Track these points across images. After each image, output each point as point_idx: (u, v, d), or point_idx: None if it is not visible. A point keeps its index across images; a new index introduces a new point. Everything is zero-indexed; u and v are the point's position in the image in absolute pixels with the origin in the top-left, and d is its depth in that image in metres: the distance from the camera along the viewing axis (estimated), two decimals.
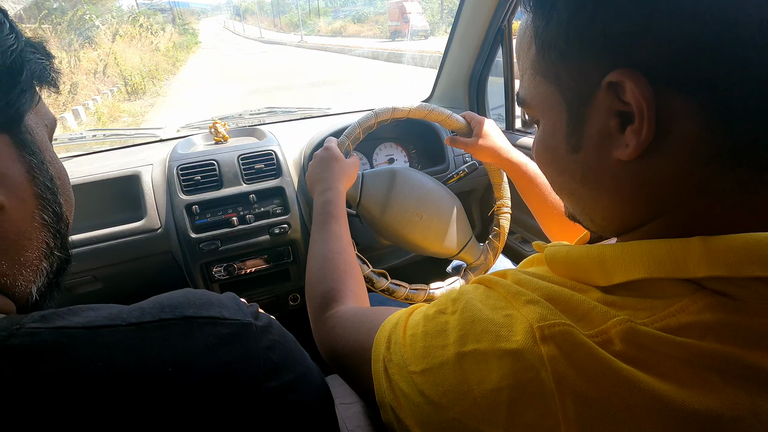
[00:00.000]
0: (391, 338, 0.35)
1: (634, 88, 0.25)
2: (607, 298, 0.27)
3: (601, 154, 0.29)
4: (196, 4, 75.79)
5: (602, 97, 0.27)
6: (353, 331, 0.43)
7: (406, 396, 0.31)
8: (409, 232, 0.79)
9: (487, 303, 0.30)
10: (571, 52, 0.28)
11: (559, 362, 0.24)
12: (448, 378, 0.28)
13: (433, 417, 0.28)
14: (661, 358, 0.23)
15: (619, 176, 0.29)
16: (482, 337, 0.28)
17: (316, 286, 0.55)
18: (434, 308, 0.34)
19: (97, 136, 1.22)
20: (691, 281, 0.24)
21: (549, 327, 0.25)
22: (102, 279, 0.93)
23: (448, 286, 0.81)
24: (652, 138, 0.25)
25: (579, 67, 0.28)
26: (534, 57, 0.31)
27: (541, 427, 0.23)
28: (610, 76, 0.26)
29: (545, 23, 0.29)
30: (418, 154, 1.24)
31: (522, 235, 1.26)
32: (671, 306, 0.24)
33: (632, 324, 0.24)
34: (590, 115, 0.28)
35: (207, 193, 0.93)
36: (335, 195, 0.66)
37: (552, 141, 0.32)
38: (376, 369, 0.35)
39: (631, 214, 0.30)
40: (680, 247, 0.25)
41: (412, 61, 10.14)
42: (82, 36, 8.66)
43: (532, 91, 0.33)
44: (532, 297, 0.28)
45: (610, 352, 0.24)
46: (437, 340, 0.30)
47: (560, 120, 0.31)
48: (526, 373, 0.24)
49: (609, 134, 0.28)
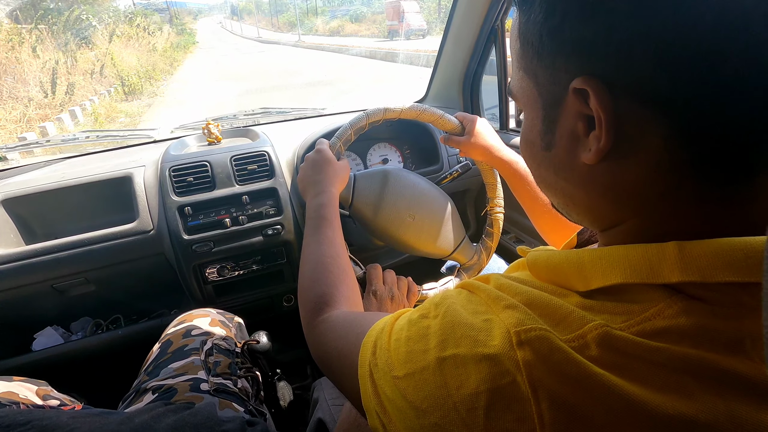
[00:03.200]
0: (376, 343, 0.35)
1: (594, 97, 0.25)
2: (586, 303, 0.27)
3: (570, 155, 0.29)
4: (194, 4, 75.66)
5: (571, 101, 0.27)
6: (343, 336, 0.43)
7: (390, 401, 0.30)
8: (402, 232, 0.79)
9: (468, 308, 0.30)
10: (545, 52, 0.28)
11: (534, 367, 0.24)
12: (429, 382, 0.28)
13: (416, 422, 0.28)
14: (636, 363, 0.23)
15: (587, 177, 0.29)
16: (461, 341, 0.28)
17: (308, 290, 0.55)
18: (418, 313, 0.34)
19: (90, 138, 1.22)
20: (667, 286, 0.25)
21: (525, 332, 0.25)
22: (94, 281, 0.93)
23: (441, 287, 0.81)
24: (610, 146, 0.26)
25: (552, 69, 0.28)
26: (519, 51, 0.32)
27: (519, 431, 0.23)
28: (575, 82, 0.26)
29: (525, 20, 0.30)
30: (412, 155, 1.24)
31: (516, 234, 1.26)
32: (647, 311, 0.24)
33: (608, 329, 0.24)
34: (561, 116, 0.29)
35: (200, 194, 0.93)
36: (328, 198, 0.66)
37: (530, 135, 0.33)
38: (362, 374, 0.35)
39: (604, 212, 0.30)
40: (655, 253, 0.25)
41: (409, 60, 10.13)
42: (78, 36, 8.63)
43: (517, 83, 0.34)
44: (511, 302, 0.28)
45: (586, 357, 0.23)
46: (419, 344, 0.30)
47: (537, 116, 0.32)
48: (502, 378, 0.24)
49: (577, 136, 0.28)
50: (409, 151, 1.24)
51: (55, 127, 5.17)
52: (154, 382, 0.63)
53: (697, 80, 0.22)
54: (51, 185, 0.92)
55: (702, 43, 0.22)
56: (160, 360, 0.68)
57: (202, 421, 0.47)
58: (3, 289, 0.85)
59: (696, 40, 0.22)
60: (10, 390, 0.60)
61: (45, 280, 0.87)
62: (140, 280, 0.99)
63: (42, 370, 0.79)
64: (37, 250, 0.85)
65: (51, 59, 6.63)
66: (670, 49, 0.22)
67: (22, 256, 0.84)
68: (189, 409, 0.50)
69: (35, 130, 4.99)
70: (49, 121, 5.32)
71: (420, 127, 1.15)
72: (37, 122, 5.30)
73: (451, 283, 0.82)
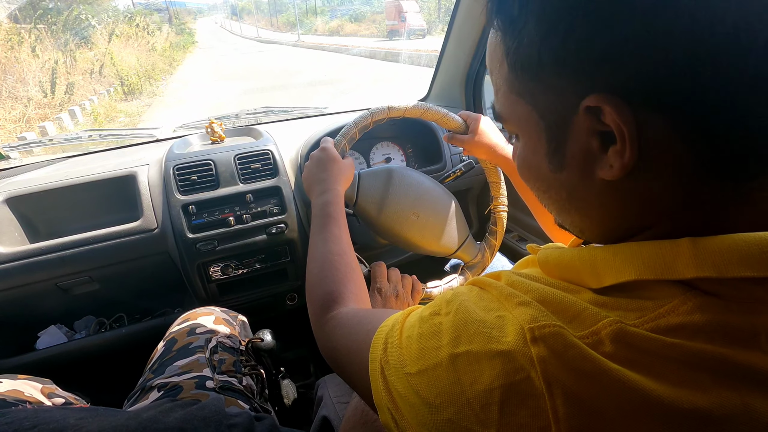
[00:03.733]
0: (387, 340, 0.35)
1: (613, 113, 0.24)
2: (599, 299, 0.27)
3: (585, 174, 0.29)
4: (193, 4, 75.48)
5: (581, 119, 0.27)
6: (352, 333, 0.44)
7: (402, 397, 0.31)
8: (406, 231, 0.79)
9: (480, 304, 0.30)
10: (545, 74, 0.27)
11: (548, 363, 0.24)
12: (442, 379, 0.28)
13: (429, 418, 0.28)
14: (651, 359, 0.23)
15: (606, 194, 0.28)
16: (474, 338, 0.28)
17: (316, 288, 0.55)
18: (429, 310, 0.34)
19: (93, 137, 1.22)
20: (681, 282, 0.25)
21: (539, 328, 0.25)
22: (99, 280, 0.93)
23: (446, 285, 0.81)
24: (636, 159, 0.25)
25: (555, 90, 0.27)
26: (507, 75, 0.30)
27: (533, 427, 0.24)
28: (588, 101, 0.25)
29: (516, 45, 0.28)
30: (415, 153, 1.24)
31: (519, 233, 1.26)
32: (661, 307, 0.24)
33: (622, 325, 0.24)
34: (570, 136, 0.28)
35: (203, 193, 0.93)
36: (334, 196, 0.66)
37: (534, 159, 0.32)
38: (373, 371, 0.35)
39: (620, 226, 0.30)
40: (669, 249, 0.25)
41: (409, 60, 10.13)
42: (78, 36, 8.60)
43: (508, 108, 0.32)
44: (523, 299, 0.28)
45: (600, 353, 0.24)
46: (431, 341, 0.30)
47: (540, 139, 0.30)
48: (517, 374, 0.25)
49: (592, 154, 0.27)
50: (411, 150, 1.24)
51: (54, 126, 5.16)
52: (159, 379, 0.63)
53: (719, 81, 0.22)
54: (55, 184, 0.92)
55: (722, 44, 0.22)
56: (165, 358, 0.68)
57: (210, 414, 0.47)
58: (7, 288, 0.85)
59: (716, 41, 0.22)
60: (15, 388, 0.60)
61: (49, 278, 0.87)
62: (144, 278, 0.99)
63: (46, 369, 0.79)
64: (41, 249, 0.85)
65: (50, 59, 6.61)
66: (690, 53, 0.22)
67: (27, 255, 0.84)
68: (196, 404, 0.50)
69: (35, 129, 4.98)
70: (49, 120, 5.31)
71: (423, 125, 1.15)
72: (37, 122, 5.29)
73: (455, 281, 0.82)
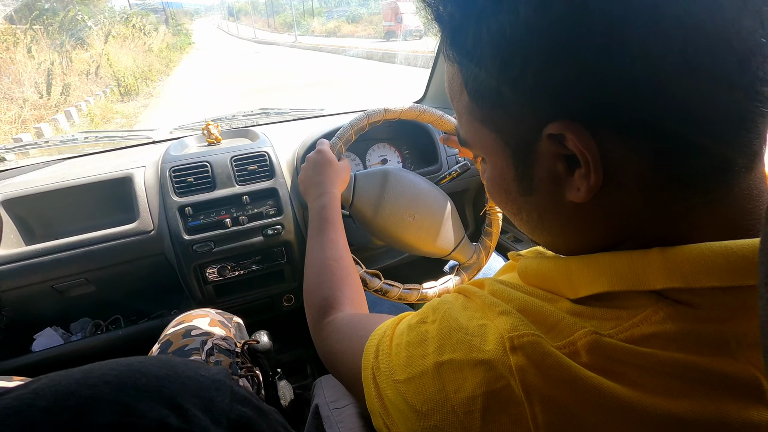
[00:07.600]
0: (379, 347, 0.36)
1: (575, 139, 0.25)
2: (575, 309, 0.28)
3: (555, 197, 0.29)
4: (190, 5, 75.41)
5: (545, 145, 0.27)
6: (347, 339, 0.45)
7: (393, 404, 0.32)
8: (401, 232, 0.79)
9: (464, 313, 0.31)
10: (506, 102, 0.28)
11: (527, 372, 0.25)
12: (428, 387, 0.29)
13: (417, 424, 0.29)
14: (626, 368, 0.24)
15: (576, 214, 0.29)
16: (457, 347, 0.28)
17: (314, 293, 0.56)
18: (417, 317, 0.35)
19: (89, 138, 1.22)
20: (653, 291, 0.25)
21: (518, 337, 0.26)
22: (95, 281, 0.93)
23: (441, 286, 0.81)
24: (601, 181, 0.26)
25: (516, 117, 0.28)
26: (468, 104, 0.31)
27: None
28: (549, 128, 0.26)
29: (473, 76, 0.29)
30: (411, 155, 1.24)
31: (514, 234, 1.27)
32: (635, 317, 0.25)
33: (597, 336, 0.25)
34: (536, 160, 0.29)
35: (200, 194, 0.93)
36: (331, 200, 0.66)
37: (503, 183, 0.32)
38: (365, 377, 0.36)
39: (593, 243, 0.30)
40: (640, 260, 0.26)
41: (407, 61, 10.14)
42: (74, 37, 8.57)
43: (472, 134, 0.32)
44: (505, 308, 0.29)
45: (577, 362, 0.24)
46: (418, 349, 0.31)
47: (507, 164, 0.31)
48: (497, 382, 0.25)
49: (559, 177, 0.28)
50: (407, 152, 1.24)
51: (50, 128, 5.14)
52: None
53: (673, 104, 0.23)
54: (51, 186, 0.92)
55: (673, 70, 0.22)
56: None
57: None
58: (3, 290, 0.85)
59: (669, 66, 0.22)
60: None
61: (45, 280, 0.87)
62: (140, 280, 0.99)
63: (41, 371, 0.78)
64: (37, 251, 0.85)
65: (46, 60, 6.58)
66: (645, 79, 0.23)
67: (23, 257, 0.84)
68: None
69: (30, 131, 4.96)
70: (45, 122, 5.29)
71: (419, 127, 1.16)
72: (32, 123, 5.27)
73: (450, 282, 0.83)
